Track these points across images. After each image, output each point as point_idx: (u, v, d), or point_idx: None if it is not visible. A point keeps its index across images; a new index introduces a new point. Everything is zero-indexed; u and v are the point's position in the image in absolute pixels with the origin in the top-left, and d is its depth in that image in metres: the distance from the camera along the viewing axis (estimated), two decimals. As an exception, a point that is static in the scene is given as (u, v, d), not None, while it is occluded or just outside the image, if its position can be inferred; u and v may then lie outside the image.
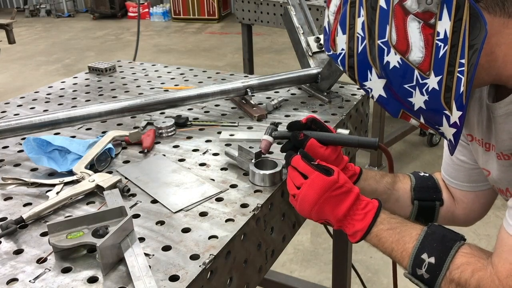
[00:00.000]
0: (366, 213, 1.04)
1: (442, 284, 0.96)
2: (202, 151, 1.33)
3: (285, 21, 1.82)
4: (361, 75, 0.96)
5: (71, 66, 6.87)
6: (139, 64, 2.13)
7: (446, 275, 0.95)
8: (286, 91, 1.73)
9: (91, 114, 1.40)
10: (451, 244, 0.97)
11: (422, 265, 0.98)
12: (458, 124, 0.90)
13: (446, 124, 0.92)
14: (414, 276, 1.00)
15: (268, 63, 6.58)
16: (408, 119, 0.98)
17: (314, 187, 1.03)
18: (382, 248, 1.06)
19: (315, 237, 3.10)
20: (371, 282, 2.73)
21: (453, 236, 0.99)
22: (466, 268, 0.94)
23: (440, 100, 0.89)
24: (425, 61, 0.87)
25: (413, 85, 0.90)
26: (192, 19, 9.35)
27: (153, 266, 0.89)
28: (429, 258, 0.97)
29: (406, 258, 1.01)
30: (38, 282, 0.87)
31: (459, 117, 0.89)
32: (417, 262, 0.99)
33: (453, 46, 0.84)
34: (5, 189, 1.15)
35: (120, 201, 1.06)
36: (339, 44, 0.97)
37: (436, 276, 0.96)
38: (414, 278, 1.00)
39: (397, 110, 0.97)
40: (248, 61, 4.19)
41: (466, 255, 0.96)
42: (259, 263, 1.10)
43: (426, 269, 0.97)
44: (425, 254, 0.98)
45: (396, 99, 0.95)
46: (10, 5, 11.19)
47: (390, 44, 0.89)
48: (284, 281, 2.32)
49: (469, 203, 1.28)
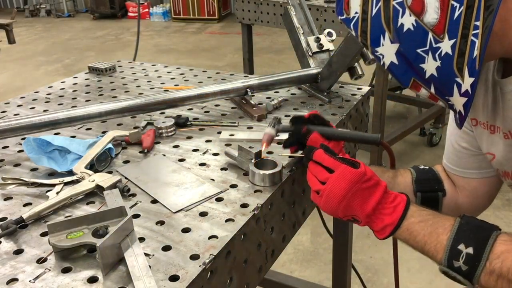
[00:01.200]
0: (395, 206, 1.01)
1: (482, 276, 0.91)
2: (202, 151, 1.33)
3: (285, 21, 1.82)
4: (374, 40, 0.95)
5: (71, 66, 6.87)
6: (139, 64, 2.13)
7: (486, 265, 0.90)
8: (286, 91, 1.73)
9: (91, 114, 1.40)
10: (488, 233, 0.93)
11: (460, 256, 0.93)
12: (469, 92, 0.89)
13: (456, 94, 0.91)
14: (450, 268, 0.94)
15: (268, 63, 6.58)
16: (419, 89, 0.96)
17: (343, 180, 0.99)
18: (413, 242, 1.01)
19: (315, 237, 3.10)
20: (371, 282, 2.72)
21: (488, 226, 0.95)
22: (508, 257, 0.90)
23: (452, 66, 0.88)
24: (439, 23, 0.86)
25: (426, 50, 0.89)
26: (192, 19, 9.35)
27: (153, 266, 0.89)
28: (467, 249, 0.92)
29: (440, 251, 0.96)
30: (38, 282, 0.87)
31: (471, 84, 0.88)
32: (453, 254, 0.94)
33: (468, 7, 0.84)
34: (5, 189, 1.15)
35: (120, 201, 1.06)
36: (352, 8, 0.96)
37: (475, 268, 0.91)
38: (451, 271, 0.94)
39: (408, 78, 0.95)
40: (248, 61, 4.19)
41: (505, 242, 0.92)
42: (259, 263, 1.10)
43: (464, 260, 0.92)
44: (462, 244, 0.93)
45: (407, 66, 0.94)
46: (10, 5, 11.19)
47: (406, 4, 0.88)
48: (284, 281, 2.32)
49: (473, 190, 1.28)
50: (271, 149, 1.30)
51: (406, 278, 2.71)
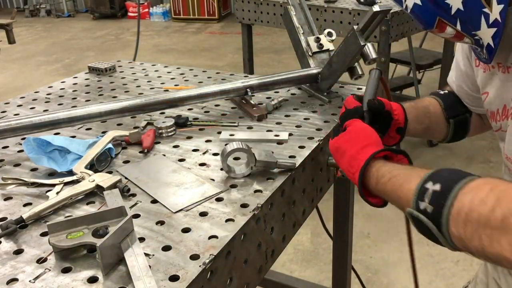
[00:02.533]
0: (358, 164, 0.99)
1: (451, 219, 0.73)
2: (202, 151, 1.33)
3: (285, 21, 1.82)
4: None
5: (71, 66, 6.88)
6: (139, 64, 2.13)
7: (454, 204, 0.73)
8: (286, 91, 1.73)
9: (91, 114, 1.40)
10: (468, 174, 0.77)
11: (425, 195, 0.78)
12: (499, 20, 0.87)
13: (484, 26, 0.89)
14: (418, 210, 0.79)
15: (268, 63, 6.58)
16: (444, 28, 0.94)
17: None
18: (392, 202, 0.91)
19: (315, 237, 3.10)
20: (371, 282, 2.73)
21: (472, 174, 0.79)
22: (482, 188, 0.72)
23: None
24: None
25: None
26: (192, 19, 9.35)
27: (153, 266, 0.89)
28: (434, 186, 0.78)
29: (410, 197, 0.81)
30: (38, 282, 0.87)
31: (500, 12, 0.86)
32: (421, 194, 0.79)
33: None
34: (5, 189, 1.15)
35: (120, 201, 1.06)
36: None
37: (442, 206, 0.74)
38: (418, 213, 0.79)
39: (432, 18, 0.93)
40: (248, 61, 4.19)
41: (483, 179, 0.75)
42: (259, 263, 1.10)
43: (429, 199, 0.77)
44: (429, 182, 0.79)
45: (431, 4, 0.92)
46: (10, 5, 11.19)
47: None
48: (284, 281, 2.32)
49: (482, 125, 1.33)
50: (271, 148, 1.30)
51: (406, 278, 2.71)
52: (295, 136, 1.39)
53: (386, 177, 0.91)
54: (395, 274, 2.76)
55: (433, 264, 2.84)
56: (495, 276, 1.27)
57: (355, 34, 1.45)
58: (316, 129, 1.43)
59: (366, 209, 3.34)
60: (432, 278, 2.74)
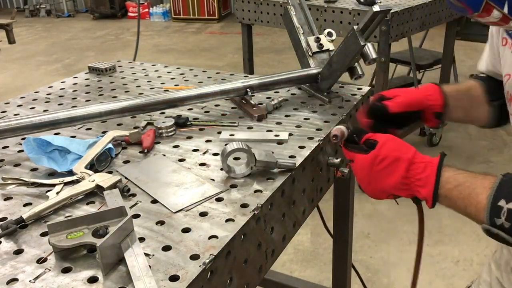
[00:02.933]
0: (427, 177, 0.98)
1: None
2: (202, 151, 1.33)
3: (285, 21, 1.82)
4: None
5: (71, 66, 6.88)
6: (139, 64, 2.13)
7: None
8: (286, 91, 1.73)
9: (91, 114, 1.40)
10: None
11: (501, 213, 0.89)
12: None
13: None
14: (493, 226, 0.90)
15: (268, 63, 6.58)
16: (490, 11, 0.93)
17: (359, 169, 1.03)
18: (456, 208, 0.98)
19: (315, 237, 3.10)
20: (371, 282, 2.73)
21: None
22: None
23: None
24: None
25: None
26: (192, 19, 9.35)
27: (153, 266, 0.89)
28: (508, 204, 0.88)
29: (481, 211, 0.92)
30: (38, 282, 0.87)
31: None
32: (494, 211, 0.90)
33: None
34: (5, 189, 1.15)
35: (120, 201, 1.06)
36: None
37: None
38: (494, 228, 0.90)
39: (479, 1, 0.92)
40: (248, 61, 4.19)
41: None
42: (259, 263, 1.10)
43: (506, 217, 0.88)
44: (502, 201, 0.89)
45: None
46: (10, 5, 11.19)
47: None
48: (284, 281, 2.32)
49: None
50: (271, 148, 1.30)
51: (406, 278, 2.71)
52: (295, 136, 1.39)
53: (451, 184, 0.97)
54: (395, 274, 2.76)
55: (433, 264, 2.84)
56: (498, 276, 1.27)
57: (355, 34, 1.45)
58: (316, 129, 1.43)
59: (366, 209, 3.34)
60: (432, 278, 2.74)
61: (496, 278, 1.28)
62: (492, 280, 1.30)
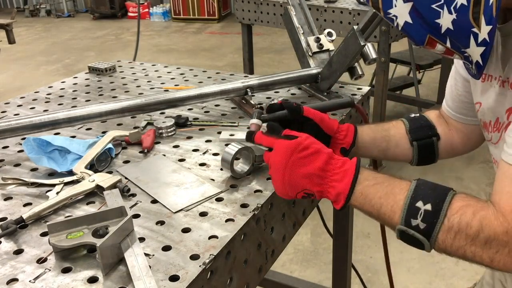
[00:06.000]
0: (345, 171, 0.97)
1: (440, 234, 0.88)
2: (202, 151, 1.33)
3: (285, 21, 1.82)
4: (386, 2, 0.94)
5: (71, 66, 6.88)
6: (139, 64, 2.13)
7: (444, 222, 0.88)
8: (286, 91, 1.73)
9: (91, 114, 1.40)
10: (446, 191, 0.91)
11: (418, 214, 0.90)
12: (487, 40, 0.90)
13: (473, 44, 0.91)
14: (408, 226, 0.91)
15: (268, 63, 6.59)
16: (434, 45, 0.96)
17: (279, 153, 0.99)
18: (369, 207, 0.96)
19: (315, 237, 3.10)
20: (371, 282, 2.73)
21: (444, 187, 0.93)
22: (466, 211, 0.87)
23: (468, 17, 0.88)
24: None
25: (441, 4, 0.89)
26: (192, 19, 9.35)
27: (153, 266, 0.89)
28: (425, 205, 0.89)
29: (398, 211, 0.92)
30: (38, 282, 0.87)
31: (488, 32, 0.89)
32: (411, 212, 0.90)
33: None
34: (5, 189, 1.15)
35: (120, 201, 1.06)
36: None
37: (434, 224, 0.88)
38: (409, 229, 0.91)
39: (423, 36, 0.95)
40: (248, 61, 4.19)
41: (464, 198, 0.90)
42: (259, 263, 1.10)
43: (422, 218, 0.89)
44: (420, 202, 0.90)
45: (422, 23, 0.93)
46: (10, 5, 11.19)
47: None
48: (284, 281, 2.32)
49: (469, 133, 1.30)
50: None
51: (406, 278, 2.71)
52: (295, 136, 1.38)
53: (370, 181, 0.96)
54: (395, 274, 2.75)
55: (433, 264, 2.84)
56: (502, 279, 1.27)
57: (355, 34, 1.45)
58: (316, 129, 1.43)
59: (366, 209, 3.33)
60: (432, 278, 2.74)
61: (500, 281, 1.28)
62: (495, 282, 1.30)
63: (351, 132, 1.24)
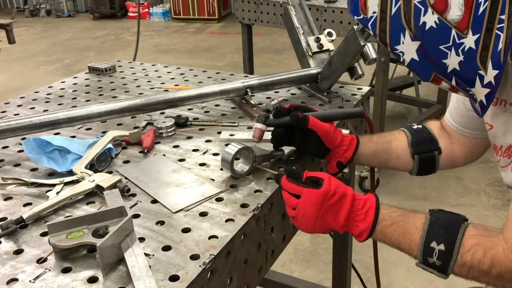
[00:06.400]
0: (366, 212, 1.05)
1: (455, 268, 0.98)
2: (202, 151, 1.33)
3: (285, 21, 1.82)
4: (393, 38, 0.94)
5: (71, 66, 6.87)
6: (139, 64, 2.13)
7: (458, 259, 0.97)
8: (286, 91, 1.73)
9: (91, 114, 1.40)
10: (457, 228, 0.99)
11: (433, 253, 0.99)
12: (493, 84, 0.90)
13: (478, 85, 0.92)
14: (426, 264, 1.01)
15: (268, 63, 6.58)
16: (440, 82, 0.97)
17: (309, 203, 1.03)
18: (389, 243, 1.07)
19: (315, 237, 3.10)
20: (371, 282, 2.72)
21: (456, 220, 1.01)
22: (477, 250, 0.96)
23: (475, 60, 0.89)
24: (463, 20, 0.87)
25: (449, 46, 0.89)
26: (192, 19, 9.35)
27: (153, 266, 0.89)
28: (439, 246, 0.98)
29: (415, 249, 1.02)
30: (38, 282, 0.87)
31: (494, 76, 0.89)
32: (427, 251, 1.00)
33: (493, 1, 0.84)
34: (5, 189, 1.15)
35: (120, 201, 1.06)
36: (370, 7, 0.95)
37: (448, 262, 0.98)
38: (427, 266, 1.02)
39: (428, 73, 0.96)
40: (248, 61, 4.19)
41: (474, 236, 0.98)
42: (259, 263, 1.10)
43: (437, 256, 0.99)
44: (434, 242, 0.99)
45: (428, 62, 0.93)
46: (10, 5, 11.18)
47: (428, 3, 0.88)
48: (284, 281, 2.32)
49: (472, 147, 1.31)
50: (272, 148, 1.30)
51: (406, 278, 2.71)
52: (295, 136, 1.38)
53: (388, 221, 1.04)
54: (395, 274, 2.76)
55: (433, 264, 2.83)
56: None
57: (355, 34, 1.45)
58: (316, 129, 1.43)
59: (366, 209, 3.33)
60: (432, 278, 2.73)
61: None
62: None
63: (352, 147, 1.25)
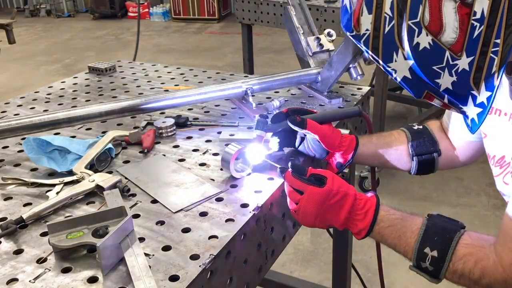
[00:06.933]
0: (366, 212, 1.06)
1: (447, 275, 1.00)
2: (202, 151, 1.33)
3: (285, 21, 1.82)
4: (386, 56, 0.94)
5: (71, 66, 6.87)
6: (139, 64, 2.13)
7: (449, 266, 0.99)
8: (286, 91, 1.73)
9: (91, 114, 1.40)
10: (452, 235, 1.01)
11: (426, 258, 1.01)
12: (485, 104, 0.90)
13: (471, 104, 0.93)
14: (419, 268, 1.04)
15: (268, 63, 6.58)
16: (432, 99, 0.97)
17: (312, 201, 1.05)
18: (385, 243, 1.09)
19: (315, 237, 3.10)
20: (371, 282, 2.72)
21: (452, 227, 1.03)
22: (469, 259, 0.98)
23: (469, 81, 0.89)
24: (458, 42, 0.87)
25: (442, 67, 0.89)
26: (192, 19, 9.34)
27: (153, 266, 0.89)
28: (432, 252, 1.01)
29: (409, 252, 1.04)
30: (38, 282, 0.87)
31: (487, 97, 0.89)
32: (420, 256, 1.02)
33: (489, 26, 0.84)
34: (5, 189, 1.15)
35: (120, 201, 1.06)
36: (363, 25, 0.94)
37: (440, 268, 1.00)
38: (419, 270, 1.04)
39: (421, 91, 0.95)
40: (248, 61, 4.19)
41: (467, 246, 0.99)
42: (259, 263, 1.10)
43: (430, 262, 1.01)
44: (427, 248, 1.01)
45: (421, 80, 0.93)
46: (10, 5, 11.18)
47: (422, 25, 0.88)
48: (284, 281, 2.32)
49: (472, 150, 1.32)
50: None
51: (406, 278, 2.71)
52: (295, 136, 1.38)
53: (385, 223, 1.06)
54: (395, 274, 2.76)
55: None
56: None
57: (355, 34, 1.44)
58: (316, 129, 1.43)
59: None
60: (432, 278, 2.74)
61: None
62: None
63: (351, 149, 1.26)
